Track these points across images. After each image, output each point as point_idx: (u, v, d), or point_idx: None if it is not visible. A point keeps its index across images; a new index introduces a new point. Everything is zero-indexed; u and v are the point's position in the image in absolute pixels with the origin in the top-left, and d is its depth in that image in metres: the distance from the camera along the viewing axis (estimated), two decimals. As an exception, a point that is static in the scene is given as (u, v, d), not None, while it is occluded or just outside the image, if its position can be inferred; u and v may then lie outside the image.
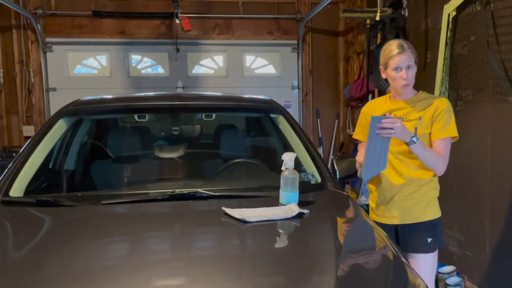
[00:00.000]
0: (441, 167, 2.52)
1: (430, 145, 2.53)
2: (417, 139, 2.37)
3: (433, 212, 2.63)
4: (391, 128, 2.28)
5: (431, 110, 2.52)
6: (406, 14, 4.70)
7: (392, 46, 2.50)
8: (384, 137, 2.31)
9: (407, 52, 2.47)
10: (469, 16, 3.71)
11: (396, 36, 4.75)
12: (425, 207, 2.60)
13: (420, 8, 4.49)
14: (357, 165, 2.57)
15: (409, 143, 2.38)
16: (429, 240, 2.59)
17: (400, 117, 2.57)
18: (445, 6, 3.90)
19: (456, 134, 2.54)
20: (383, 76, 2.61)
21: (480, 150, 3.62)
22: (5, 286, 1.47)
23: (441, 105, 2.52)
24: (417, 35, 4.59)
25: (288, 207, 2.11)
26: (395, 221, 2.61)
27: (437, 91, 4.00)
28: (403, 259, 1.81)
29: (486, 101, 3.53)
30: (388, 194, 2.62)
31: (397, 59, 2.47)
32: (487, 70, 3.49)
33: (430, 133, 2.53)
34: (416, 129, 2.41)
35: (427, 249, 2.59)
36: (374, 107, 2.73)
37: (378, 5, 4.83)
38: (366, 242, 1.96)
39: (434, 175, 2.62)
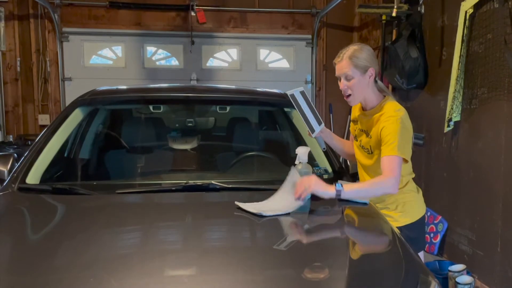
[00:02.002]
0: (390, 189, 2.21)
1: None
2: (340, 185, 2.11)
3: (399, 219, 2.48)
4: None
5: (377, 129, 2.32)
6: (423, 10, 4.67)
7: (336, 58, 2.39)
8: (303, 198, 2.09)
9: (344, 61, 2.31)
10: (487, 14, 3.68)
11: (412, 33, 4.72)
12: (390, 215, 2.46)
13: (437, 5, 4.46)
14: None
15: (337, 194, 2.11)
16: None
17: (362, 129, 2.46)
18: (462, 3, 3.87)
19: (396, 153, 2.20)
20: None
21: (494, 148, 3.60)
22: (21, 272, 1.50)
23: (382, 123, 2.29)
24: (433, 32, 4.56)
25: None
26: None
27: (452, 88, 3.97)
28: (415, 256, 1.81)
29: (501, 100, 3.51)
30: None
31: (336, 68, 2.37)
32: (503, 69, 3.47)
33: None
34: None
35: None
36: (354, 109, 2.60)
37: (395, 1, 4.80)
38: (378, 238, 1.97)
39: (401, 185, 2.43)
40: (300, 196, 2.04)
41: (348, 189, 2.13)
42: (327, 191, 2.09)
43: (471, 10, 3.82)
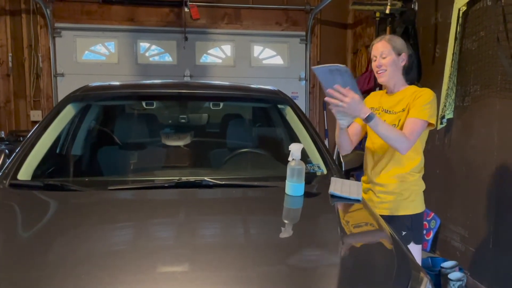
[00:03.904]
0: (402, 146, 2.43)
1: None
2: (374, 115, 2.34)
3: (411, 207, 2.67)
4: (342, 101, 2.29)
5: (410, 100, 2.54)
6: (416, 7, 4.68)
7: (374, 40, 2.66)
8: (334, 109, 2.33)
9: (383, 41, 2.59)
10: (480, 11, 3.69)
11: (405, 30, 4.73)
12: (403, 202, 2.65)
13: (430, 2, 4.47)
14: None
15: (366, 120, 2.34)
16: (403, 233, 2.63)
17: (386, 110, 2.64)
18: (456, 1, 3.88)
19: (426, 118, 2.47)
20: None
21: (487, 146, 3.62)
22: (12, 268, 1.48)
23: (423, 94, 2.53)
24: (427, 29, 4.57)
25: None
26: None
27: (445, 86, 3.98)
28: (407, 252, 1.81)
29: (494, 97, 3.52)
30: (371, 185, 2.72)
31: (372, 48, 2.62)
32: (496, 66, 3.48)
33: None
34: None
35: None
36: (370, 97, 2.80)
37: (388, -2, 4.81)
38: (370, 235, 1.97)
39: (416, 172, 2.66)
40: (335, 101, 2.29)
41: (376, 121, 2.35)
42: (358, 112, 2.33)
43: (464, 8, 3.83)
